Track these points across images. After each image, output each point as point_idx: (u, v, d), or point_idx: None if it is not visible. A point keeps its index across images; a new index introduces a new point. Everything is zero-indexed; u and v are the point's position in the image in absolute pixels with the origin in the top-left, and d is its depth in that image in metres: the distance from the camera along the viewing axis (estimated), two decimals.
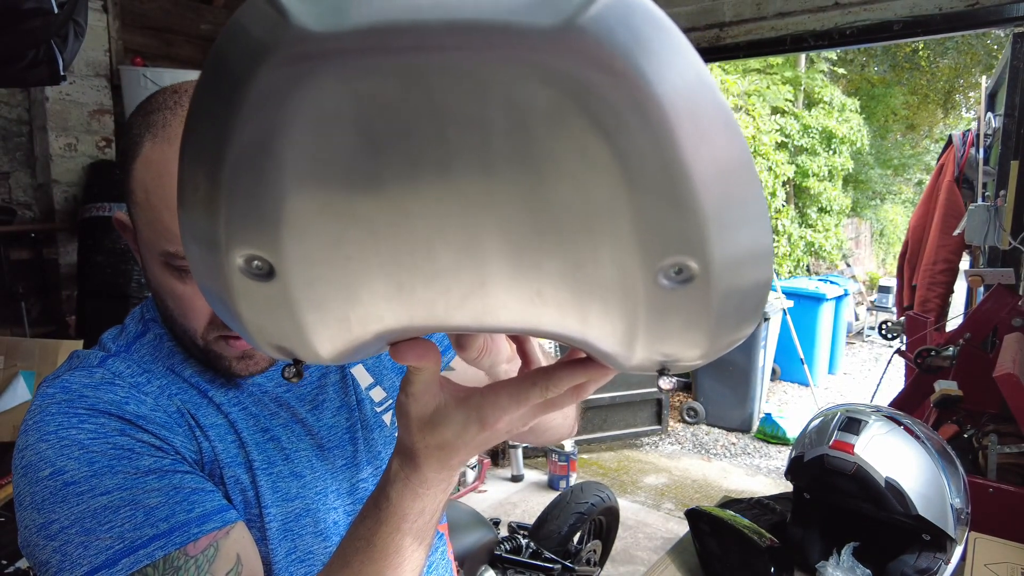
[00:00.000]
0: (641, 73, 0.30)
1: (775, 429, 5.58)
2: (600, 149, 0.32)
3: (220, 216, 0.37)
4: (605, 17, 0.28)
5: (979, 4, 2.81)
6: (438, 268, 0.39)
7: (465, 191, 0.35)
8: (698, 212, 0.34)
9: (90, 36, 2.43)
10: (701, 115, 0.32)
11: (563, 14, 0.28)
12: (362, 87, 0.32)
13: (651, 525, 4.10)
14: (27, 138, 2.72)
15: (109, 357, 0.75)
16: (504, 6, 0.29)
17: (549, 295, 0.40)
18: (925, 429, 1.38)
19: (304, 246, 0.38)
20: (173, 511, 0.64)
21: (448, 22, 0.29)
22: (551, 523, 2.90)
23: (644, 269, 0.36)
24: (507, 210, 0.35)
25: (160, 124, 0.68)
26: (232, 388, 0.80)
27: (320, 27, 0.29)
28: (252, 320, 0.42)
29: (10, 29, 1.92)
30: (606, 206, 0.34)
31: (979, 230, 3.15)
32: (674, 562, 1.52)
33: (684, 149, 0.32)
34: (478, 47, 0.29)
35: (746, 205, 0.35)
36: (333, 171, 0.35)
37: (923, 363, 2.79)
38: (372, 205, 0.36)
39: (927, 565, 1.30)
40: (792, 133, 8.82)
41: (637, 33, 0.29)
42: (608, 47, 0.29)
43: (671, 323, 0.39)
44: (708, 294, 0.37)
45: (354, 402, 0.89)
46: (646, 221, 0.34)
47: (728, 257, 0.36)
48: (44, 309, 2.78)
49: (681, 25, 1.75)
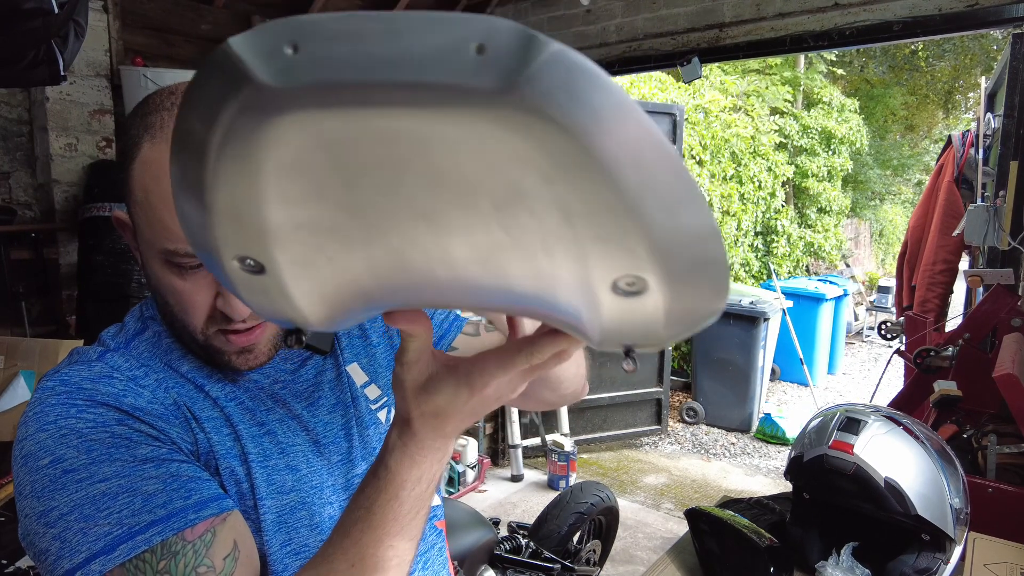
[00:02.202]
0: (579, 126, 0.32)
1: (774, 429, 5.58)
2: (545, 191, 0.35)
3: (211, 229, 0.42)
4: (542, 77, 0.30)
5: (978, 5, 2.81)
6: (414, 269, 0.44)
7: (431, 216, 0.39)
8: (643, 236, 0.37)
9: (90, 36, 2.43)
10: (641, 160, 0.34)
11: (502, 76, 0.30)
12: (323, 133, 0.35)
13: (651, 525, 4.11)
14: (27, 138, 2.72)
15: (108, 352, 0.76)
16: (448, 68, 0.30)
17: (518, 293, 0.44)
18: (924, 429, 1.38)
19: (287, 252, 0.42)
20: (171, 498, 0.64)
21: (394, 83, 0.31)
22: (551, 523, 2.90)
23: (599, 282, 0.40)
24: (471, 231, 0.39)
25: (158, 125, 0.69)
26: (228, 383, 0.80)
27: (278, 83, 0.32)
28: (253, 301, 0.48)
29: (10, 29, 1.92)
30: (558, 233, 0.38)
31: (978, 230, 3.16)
32: (673, 562, 1.52)
33: (627, 190, 0.34)
34: (425, 104, 0.32)
35: (688, 215, 0.37)
36: (307, 197, 0.39)
37: (922, 363, 2.79)
38: (347, 223, 0.41)
39: (926, 565, 1.30)
40: (791, 133, 8.83)
41: (572, 89, 0.31)
42: (545, 104, 0.31)
43: (630, 324, 0.44)
44: (661, 298, 0.41)
45: (349, 399, 0.90)
46: (595, 247, 0.38)
47: (678, 273, 0.39)
48: (44, 309, 2.78)
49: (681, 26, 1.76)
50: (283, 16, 0.32)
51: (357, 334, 0.97)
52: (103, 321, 2.63)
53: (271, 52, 0.32)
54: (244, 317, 0.73)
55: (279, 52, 0.32)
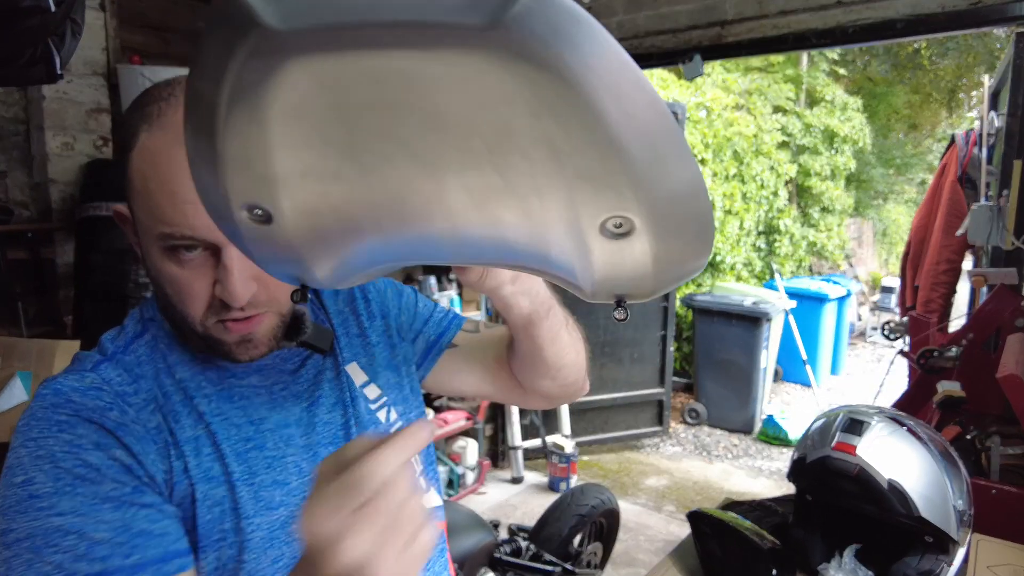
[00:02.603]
0: (562, 62, 0.34)
1: (777, 430, 5.57)
2: (533, 128, 0.38)
3: (222, 176, 0.45)
4: (526, 15, 0.32)
5: (982, 3, 2.79)
6: (413, 215, 0.46)
7: (427, 159, 0.41)
8: (629, 176, 0.39)
9: (87, 34, 2.42)
10: (623, 95, 0.35)
11: (489, 13, 0.32)
12: (326, 76, 0.38)
13: (652, 527, 4.09)
14: (24, 137, 2.71)
15: (104, 361, 0.76)
16: (439, 6, 0.33)
17: (511, 239, 0.47)
18: (928, 430, 1.37)
19: (294, 199, 0.45)
20: (112, 552, 0.64)
21: (386, 22, 0.34)
22: (551, 525, 2.89)
23: (588, 224, 0.43)
24: (466, 173, 0.42)
25: (155, 115, 0.70)
26: (222, 391, 0.80)
27: (283, 26, 0.35)
28: (260, 256, 0.51)
29: (7, 27, 1.90)
30: (548, 173, 0.40)
31: (982, 230, 3.14)
32: (675, 564, 1.51)
33: (609, 125, 0.36)
34: (419, 43, 0.34)
35: (673, 162, 0.39)
36: (311, 143, 0.42)
37: (926, 364, 2.78)
38: (349, 168, 0.43)
39: (929, 567, 1.29)
40: (794, 132, 8.81)
41: (556, 26, 0.33)
42: (530, 40, 0.33)
43: (619, 270, 0.47)
44: (648, 243, 0.43)
45: (348, 399, 0.90)
46: (582, 186, 0.40)
47: (662, 212, 0.41)
48: (41, 309, 2.77)
49: (682, 23, 1.74)
50: None
51: (356, 333, 0.97)
52: (100, 321, 2.62)
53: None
54: (242, 304, 0.73)
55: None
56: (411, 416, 0.97)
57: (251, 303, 0.74)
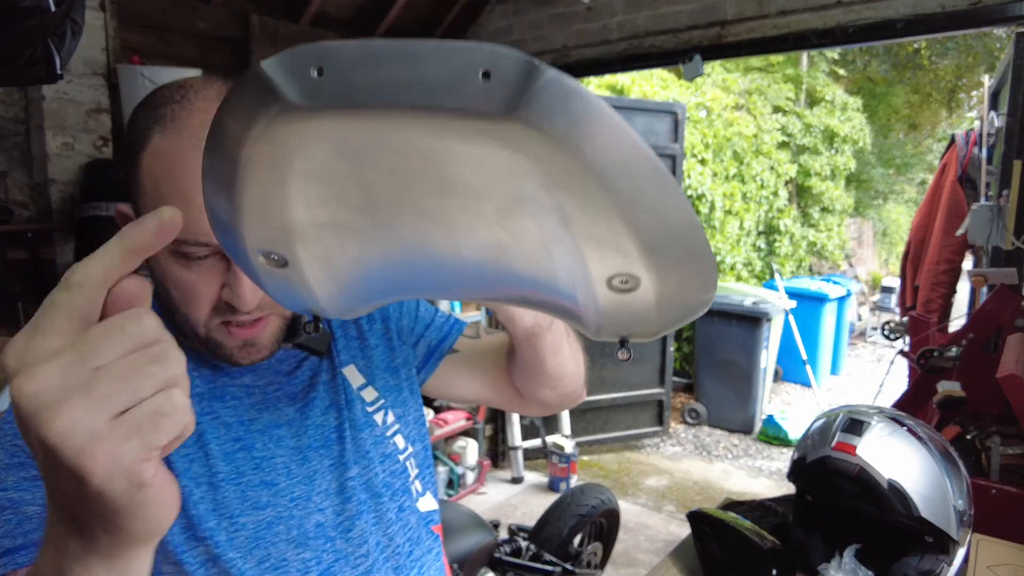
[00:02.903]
0: (573, 144, 0.36)
1: (777, 430, 5.56)
2: (543, 199, 0.40)
3: (239, 226, 0.47)
4: (541, 101, 0.34)
5: (981, 3, 2.79)
6: (425, 264, 0.49)
7: (440, 219, 0.44)
8: (635, 239, 0.41)
9: (87, 34, 2.42)
10: (632, 171, 0.37)
11: (506, 100, 0.34)
12: (344, 146, 0.40)
13: (652, 527, 4.09)
14: (24, 137, 2.71)
15: None
16: (458, 92, 0.34)
17: (519, 285, 0.49)
18: (928, 430, 1.37)
19: (309, 248, 0.47)
20: (37, 527, 0.63)
21: (409, 105, 0.35)
22: (551, 525, 2.89)
23: (595, 279, 0.45)
24: (477, 232, 0.44)
25: (169, 117, 0.70)
26: (214, 391, 0.80)
27: (304, 102, 0.36)
28: (275, 291, 0.53)
29: (7, 27, 1.90)
30: (557, 236, 0.43)
31: (982, 230, 3.13)
32: (675, 564, 1.51)
33: (617, 198, 0.38)
34: (436, 126, 0.36)
35: (673, 214, 0.40)
36: (327, 201, 0.44)
37: (926, 364, 2.78)
38: (365, 223, 0.45)
39: (929, 567, 1.29)
40: (794, 132, 8.81)
41: (567, 111, 0.35)
42: (542, 126, 0.35)
43: (625, 316, 0.49)
44: (652, 293, 0.46)
45: (343, 402, 0.90)
46: (590, 247, 0.43)
47: (666, 268, 0.43)
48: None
49: (683, 23, 1.74)
50: (280, 14, 0.36)
51: (354, 335, 0.97)
52: None
53: (299, 74, 0.36)
54: (250, 308, 0.73)
55: (306, 74, 0.36)
56: (409, 419, 0.97)
57: (258, 307, 0.74)
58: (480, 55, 0.34)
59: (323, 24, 3.81)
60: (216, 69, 3.38)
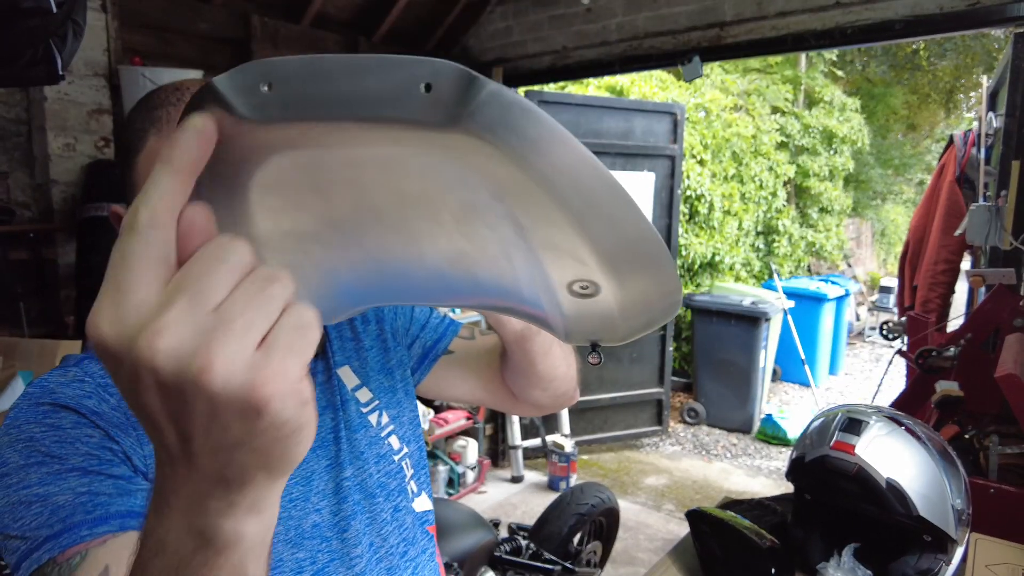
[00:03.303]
0: (515, 153, 0.36)
1: (776, 430, 5.57)
2: (495, 207, 0.41)
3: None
4: (482, 112, 0.35)
5: (980, 4, 2.80)
6: (392, 271, 0.49)
7: (400, 228, 0.45)
8: (588, 245, 0.42)
9: (89, 35, 2.42)
10: (579, 180, 0.38)
11: (447, 111, 0.35)
12: (298, 159, 0.40)
13: (651, 526, 4.10)
14: (25, 138, 2.71)
15: (88, 358, 0.77)
16: (401, 105, 0.35)
17: (486, 290, 0.50)
18: (926, 430, 1.38)
19: (277, 256, 0.46)
20: (74, 511, 0.64)
21: (355, 118, 0.36)
22: (551, 524, 2.89)
23: (557, 284, 0.46)
24: (437, 240, 0.45)
25: (164, 119, 0.70)
26: None
27: (255, 116, 0.37)
28: None
29: (8, 28, 1.91)
30: (514, 242, 0.44)
31: (980, 230, 3.14)
32: (675, 563, 1.51)
33: (564, 204, 0.39)
34: (384, 138, 0.37)
35: (627, 223, 0.40)
36: (288, 210, 0.44)
37: (924, 364, 2.78)
38: (326, 231, 0.46)
39: (928, 566, 1.29)
40: (793, 133, 8.81)
41: (507, 121, 0.35)
42: (485, 135, 0.36)
43: (589, 320, 0.50)
44: (613, 301, 0.46)
45: (338, 402, 0.90)
46: (547, 255, 0.44)
47: (625, 275, 0.44)
48: (43, 310, 2.77)
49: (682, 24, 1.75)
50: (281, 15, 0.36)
51: (349, 336, 0.97)
52: None
53: (249, 89, 0.37)
54: None
55: (256, 89, 0.37)
56: (403, 420, 0.98)
57: None
58: (421, 68, 0.35)
59: (323, 25, 3.82)
60: (217, 70, 3.37)
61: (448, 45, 4.41)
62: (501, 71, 4.27)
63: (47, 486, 0.64)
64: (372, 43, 4.06)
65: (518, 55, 4.20)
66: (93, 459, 0.68)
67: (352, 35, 3.97)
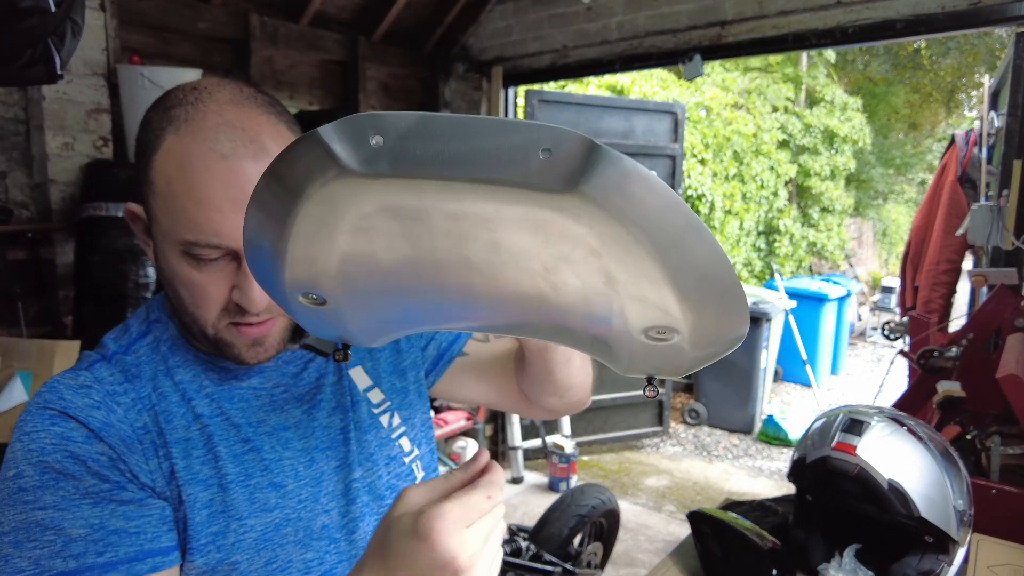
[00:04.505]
0: (626, 217, 0.38)
1: (777, 431, 5.56)
2: (592, 261, 0.42)
3: (281, 274, 0.48)
4: (600, 179, 0.36)
5: (981, 3, 2.79)
6: (464, 306, 0.50)
7: (485, 272, 0.46)
8: (678, 300, 0.43)
9: (87, 35, 2.42)
10: (684, 245, 0.39)
11: (566, 177, 0.36)
12: (399, 210, 0.41)
13: (652, 527, 4.09)
14: (24, 137, 2.71)
15: (100, 361, 0.77)
16: (518, 167, 0.36)
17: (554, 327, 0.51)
18: (928, 430, 1.37)
19: (349, 291, 0.49)
20: (86, 550, 0.66)
21: (469, 178, 0.37)
22: (551, 525, 2.89)
23: (633, 329, 0.47)
24: (521, 284, 0.46)
25: (182, 119, 0.70)
26: (222, 393, 0.80)
27: (363, 170, 0.38)
28: (309, 324, 0.55)
29: (7, 28, 1.90)
30: (601, 293, 0.44)
31: (982, 230, 3.13)
32: (676, 564, 1.51)
33: (664, 266, 0.40)
34: (495, 198, 0.38)
35: (720, 288, 0.42)
36: (374, 250, 0.45)
37: (926, 364, 2.78)
38: (408, 271, 0.47)
39: (930, 567, 1.29)
40: (794, 132, 8.81)
41: (622, 187, 0.37)
42: (600, 201, 0.37)
43: (656, 358, 0.50)
44: (687, 343, 0.47)
45: (349, 403, 0.89)
46: (632, 304, 0.44)
47: (704, 325, 0.45)
48: (41, 309, 2.76)
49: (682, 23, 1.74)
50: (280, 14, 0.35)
51: None
52: (100, 322, 2.62)
53: (358, 142, 0.38)
54: (260, 310, 0.73)
55: (365, 142, 0.38)
56: (415, 422, 0.97)
57: (268, 308, 0.74)
58: (541, 133, 0.36)
59: (323, 24, 3.81)
60: (216, 69, 3.37)
61: (448, 44, 4.41)
62: (501, 70, 4.27)
63: (61, 511, 0.66)
64: (372, 42, 4.06)
65: (518, 54, 4.20)
66: (104, 484, 0.69)
67: (352, 34, 3.97)
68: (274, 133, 0.73)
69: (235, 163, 0.68)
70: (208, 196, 0.68)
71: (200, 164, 0.68)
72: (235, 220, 0.69)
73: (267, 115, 0.73)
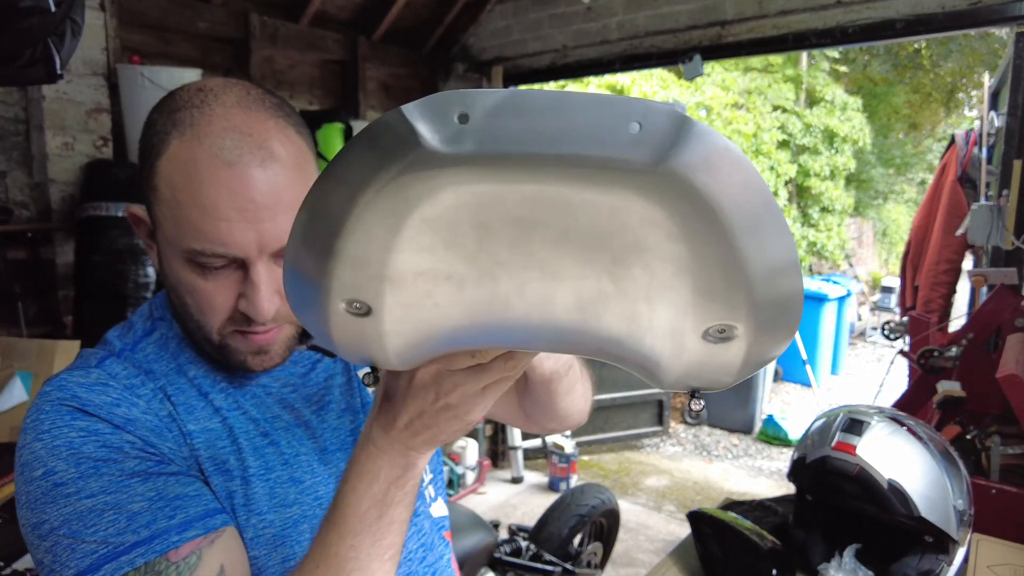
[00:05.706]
0: (712, 197, 0.36)
1: (777, 430, 5.56)
2: (665, 247, 0.40)
3: (328, 273, 0.44)
4: (688, 153, 0.35)
5: (981, 3, 2.79)
6: (511, 315, 0.46)
7: (548, 267, 0.42)
8: (747, 291, 0.40)
9: (87, 34, 2.42)
10: (761, 227, 0.38)
11: (656, 151, 0.35)
12: (477, 197, 0.39)
13: (652, 527, 4.09)
14: (24, 137, 2.71)
15: (109, 357, 0.75)
16: (609, 143, 0.35)
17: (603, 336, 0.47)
18: (928, 430, 1.37)
19: (401, 296, 0.45)
20: (155, 517, 0.64)
21: (559, 156, 0.35)
22: (551, 525, 2.89)
23: (692, 329, 0.44)
24: (583, 281, 0.43)
25: (187, 123, 0.68)
26: (235, 389, 0.79)
27: (445, 150, 0.36)
28: (342, 343, 0.50)
29: (7, 27, 1.90)
30: (666, 285, 0.42)
31: (982, 230, 3.13)
32: (675, 564, 1.51)
33: (742, 251, 0.38)
34: (579, 177, 0.36)
35: (786, 286, 0.41)
36: (436, 248, 0.42)
37: (926, 364, 2.78)
38: (464, 269, 0.43)
39: (929, 567, 1.29)
40: (794, 132, 8.81)
41: (711, 163, 0.35)
42: (688, 177, 0.35)
43: (707, 368, 0.47)
44: (743, 349, 0.45)
45: (359, 404, 0.89)
46: (698, 298, 0.42)
47: (764, 323, 0.43)
48: (41, 309, 2.77)
49: (682, 23, 1.74)
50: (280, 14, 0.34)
51: None
52: (100, 321, 2.62)
53: (441, 121, 0.36)
54: (267, 320, 0.72)
55: (449, 120, 0.36)
56: None
57: (274, 317, 0.73)
58: (632, 106, 0.35)
59: (323, 24, 3.81)
60: (216, 69, 3.37)
61: (448, 44, 4.41)
62: (501, 70, 4.27)
63: (113, 494, 0.64)
64: (371, 42, 4.06)
65: (518, 54, 4.20)
66: (147, 462, 0.68)
67: (351, 34, 3.97)
68: (282, 137, 0.71)
69: (242, 170, 0.67)
70: (214, 204, 0.66)
71: (206, 171, 0.66)
72: (241, 228, 0.67)
73: (275, 119, 0.71)
